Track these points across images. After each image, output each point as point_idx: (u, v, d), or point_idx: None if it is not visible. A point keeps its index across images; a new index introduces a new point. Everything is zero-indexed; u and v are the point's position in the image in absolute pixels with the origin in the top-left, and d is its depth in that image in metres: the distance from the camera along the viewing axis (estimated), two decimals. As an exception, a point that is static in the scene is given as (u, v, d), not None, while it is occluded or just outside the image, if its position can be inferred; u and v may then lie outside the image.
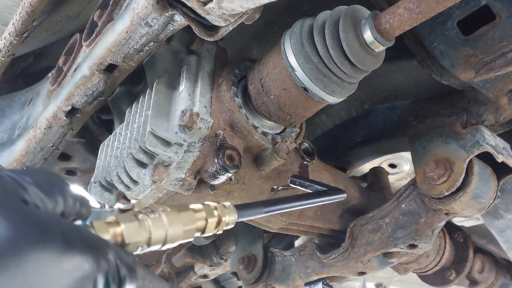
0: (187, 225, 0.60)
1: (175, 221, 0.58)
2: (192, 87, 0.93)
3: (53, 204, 0.47)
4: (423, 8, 0.74)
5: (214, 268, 1.69)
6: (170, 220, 0.57)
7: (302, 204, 0.87)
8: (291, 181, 1.01)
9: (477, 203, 1.09)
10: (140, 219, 0.55)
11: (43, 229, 0.42)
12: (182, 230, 0.59)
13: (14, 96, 1.36)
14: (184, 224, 0.59)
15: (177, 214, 0.59)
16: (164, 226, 0.56)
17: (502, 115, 1.10)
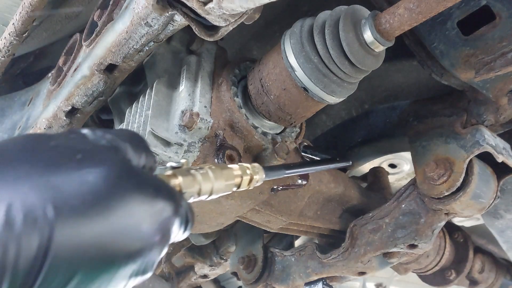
0: (228, 180, 0.70)
1: (219, 176, 0.68)
2: (192, 87, 0.93)
3: (138, 159, 0.56)
4: (423, 8, 0.74)
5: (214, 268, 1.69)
6: (215, 175, 0.67)
7: (315, 168, 1.03)
8: (303, 151, 1.12)
9: (477, 203, 1.09)
10: (192, 173, 0.64)
11: (138, 178, 0.51)
12: (224, 184, 0.69)
13: (14, 96, 1.36)
14: (225, 179, 0.69)
15: (220, 171, 0.69)
16: (211, 180, 0.66)
17: (502, 115, 1.10)
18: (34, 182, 0.45)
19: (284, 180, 1.06)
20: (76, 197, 0.45)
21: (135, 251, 0.49)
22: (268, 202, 1.09)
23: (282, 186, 1.05)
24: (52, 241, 0.43)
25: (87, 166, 0.48)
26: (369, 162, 1.57)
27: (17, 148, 0.48)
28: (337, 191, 1.24)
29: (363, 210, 1.30)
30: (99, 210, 0.46)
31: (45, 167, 0.46)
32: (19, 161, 0.46)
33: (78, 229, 0.45)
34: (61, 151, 0.49)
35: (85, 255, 0.45)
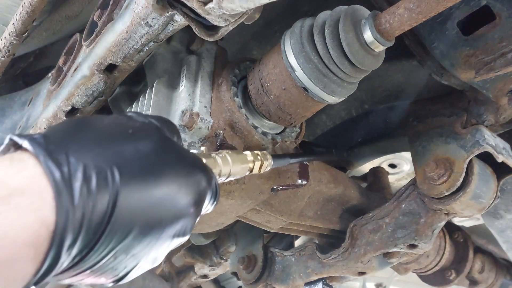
0: (243, 164, 0.78)
1: (235, 160, 0.76)
2: (192, 87, 0.93)
3: (173, 139, 0.64)
4: (423, 8, 0.74)
5: (214, 268, 1.69)
6: (232, 159, 0.75)
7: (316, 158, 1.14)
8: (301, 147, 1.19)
9: (477, 203, 1.09)
10: (213, 156, 0.73)
11: (179, 151, 0.60)
12: (240, 167, 0.77)
13: (14, 96, 1.36)
14: (241, 163, 0.77)
15: (236, 155, 0.77)
16: (229, 163, 0.74)
17: (502, 115, 1.10)
18: (102, 149, 0.51)
19: (284, 180, 1.06)
20: (135, 163, 0.53)
21: (179, 213, 0.57)
22: (268, 202, 1.09)
23: (282, 186, 1.05)
24: (118, 199, 0.49)
25: (139, 139, 0.56)
26: (369, 162, 1.57)
27: (80, 124, 0.55)
28: (337, 191, 1.24)
29: (363, 210, 1.30)
30: (152, 176, 0.54)
31: (107, 137, 0.54)
32: (85, 133, 0.53)
33: (137, 191, 0.51)
34: (115, 127, 0.57)
35: (141, 213, 0.52)
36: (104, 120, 0.58)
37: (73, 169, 0.47)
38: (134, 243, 0.52)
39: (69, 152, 0.49)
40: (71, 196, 0.46)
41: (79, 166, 0.48)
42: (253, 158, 0.81)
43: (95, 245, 0.49)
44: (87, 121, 0.57)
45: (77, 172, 0.47)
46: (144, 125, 0.59)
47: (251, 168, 0.81)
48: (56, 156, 0.48)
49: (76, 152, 0.49)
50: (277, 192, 1.05)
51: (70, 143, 0.50)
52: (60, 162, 0.47)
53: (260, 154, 0.84)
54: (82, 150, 0.50)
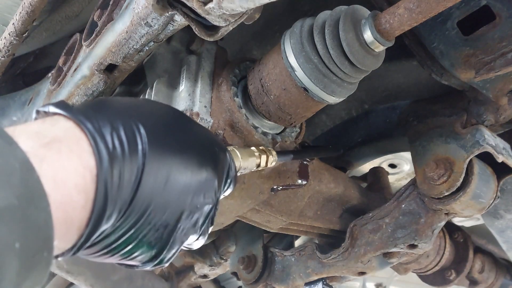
0: (251, 158, 0.81)
1: (244, 154, 0.80)
2: (192, 87, 0.93)
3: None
4: (423, 8, 0.74)
5: (214, 268, 1.69)
6: (241, 153, 0.78)
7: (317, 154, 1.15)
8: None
9: (477, 203, 1.09)
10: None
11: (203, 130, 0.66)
12: (249, 161, 0.80)
13: (14, 96, 1.36)
14: (250, 157, 0.81)
15: (244, 150, 0.81)
16: (239, 157, 0.78)
17: (502, 115, 1.10)
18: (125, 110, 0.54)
19: (284, 180, 1.06)
20: (160, 124, 0.55)
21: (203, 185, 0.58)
22: (268, 202, 1.09)
23: (282, 186, 1.05)
24: (146, 157, 0.50)
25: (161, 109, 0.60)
26: (369, 162, 1.57)
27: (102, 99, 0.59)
28: (337, 191, 1.24)
29: (363, 210, 1.30)
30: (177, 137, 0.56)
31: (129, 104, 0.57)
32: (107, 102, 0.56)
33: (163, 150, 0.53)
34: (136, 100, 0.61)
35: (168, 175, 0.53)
36: (129, 99, 0.60)
37: (102, 122, 0.49)
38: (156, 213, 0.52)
39: (98, 112, 0.50)
40: (106, 143, 0.47)
41: (107, 120, 0.49)
42: (259, 153, 0.84)
43: (131, 202, 0.49)
44: (113, 99, 0.59)
45: (106, 124, 0.49)
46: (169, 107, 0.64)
47: (259, 163, 0.84)
48: (84, 113, 0.49)
49: (103, 111, 0.51)
50: (277, 192, 1.05)
51: (97, 108, 0.52)
52: (89, 117, 0.49)
53: (265, 149, 0.87)
54: (108, 110, 0.52)
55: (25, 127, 0.46)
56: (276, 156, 0.89)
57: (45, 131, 0.46)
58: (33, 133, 0.45)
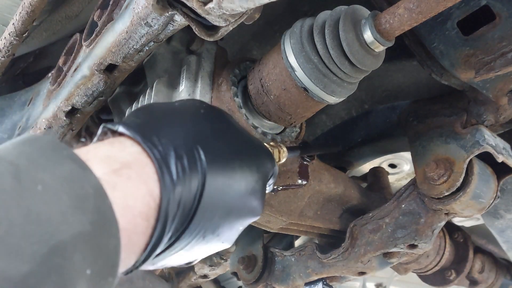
0: None
1: None
2: (192, 87, 0.93)
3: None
4: (423, 8, 0.74)
5: (214, 268, 1.69)
6: None
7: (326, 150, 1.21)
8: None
9: (477, 203, 1.09)
10: None
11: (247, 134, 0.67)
12: None
13: (14, 96, 1.36)
14: None
15: None
16: None
17: (502, 115, 1.10)
18: (186, 131, 0.55)
19: (284, 180, 1.06)
20: (216, 143, 0.56)
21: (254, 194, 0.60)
22: (268, 202, 1.09)
23: (282, 186, 1.05)
24: (206, 179, 0.52)
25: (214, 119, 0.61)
26: (369, 162, 1.57)
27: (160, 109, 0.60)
28: (337, 191, 1.24)
29: (363, 210, 1.30)
30: (232, 156, 0.58)
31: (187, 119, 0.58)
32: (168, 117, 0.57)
33: (220, 171, 0.54)
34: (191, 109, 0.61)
35: (224, 192, 0.55)
36: (173, 104, 0.61)
37: (167, 148, 0.50)
38: (220, 222, 0.55)
39: (160, 134, 0.52)
40: (170, 172, 0.49)
41: (171, 146, 0.51)
42: (271, 148, 0.85)
43: (189, 224, 0.50)
44: (165, 106, 0.61)
45: (171, 151, 0.50)
46: (211, 107, 0.64)
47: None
48: (150, 137, 0.50)
49: (165, 134, 0.52)
50: (277, 192, 1.05)
51: (158, 127, 0.53)
52: (155, 143, 0.50)
53: (276, 144, 0.87)
54: (170, 132, 0.53)
55: (96, 150, 0.48)
56: (286, 152, 0.89)
57: (115, 156, 0.48)
58: (104, 158, 0.46)
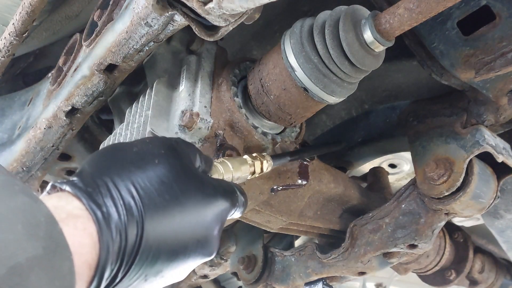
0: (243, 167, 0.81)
1: (236, 165, 0.79)
2: (192, 87, 0.93)
3: (200, 165, 0.71)
4: (423, 8, 0.74)
5: (214, 268, 1.69)
6: (232, 165, 0.78)
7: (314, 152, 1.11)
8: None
9: (477, 203, 1.09)
10: (215, 165, 0.75)
11: (198, 180, 0.64)
12: (241, 171, 0.80)
13: (14, 96, 1.36)
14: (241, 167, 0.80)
15: (234, 160, 0.80)
16: (230, 169, 0.77)
17: (502, 115, 1.10)
18: (128, 183, 0.57)
19: (284, 180, 1.05)
20: (158, 196, 0.58)
21: (202, 239, 0.62)
22: (268, 202, 1.09)
23: (282, 186, 1.05)
24: (144, 232, 0.55)
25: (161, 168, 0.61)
26: (369, 162, 1.57)
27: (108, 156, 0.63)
28: (337, 191, 1.24)
29: (363, 210, 1.30)
30: (174, 206, 0.59)
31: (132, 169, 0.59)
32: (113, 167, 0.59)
33: (160, 222, 0.57)
34: (137, 156, 0.62)
35: (166, 242, 0.57)
36: (131, 150, 0.63)
37: (109, 210, 0.54)
38: (163, 267, 0.58)
39: (103, 192, 0.55)
40: (110, 230, 0.52)
41: (113, 206, 0.54)
42: (253, 160, 0.83)
43: (127, 271, 0.54)
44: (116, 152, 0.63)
45: (111, 209, 0.54)
46: (167, 155, 0.64)
47: (253, 171, 0.83)
48: (93, 197, 0.54)
49: (109, 191, 0.55)
50: (277, 192, 1.05)
51: (103, 182, 0.56)
52: (98, 203, 0.54)
53: (258, 155, 0.86)
54: (112, 187, 0.56)
55: (44, 200, 0.51)
56: (271, 161, 0.89)
57: (62, 207, 0.52)
58: (52, 207, 0.49)
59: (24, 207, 0.45)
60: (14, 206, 0.44)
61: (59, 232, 0.47)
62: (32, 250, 0.42)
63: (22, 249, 0.42)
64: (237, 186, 0.72)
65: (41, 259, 0.43)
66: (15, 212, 0.44)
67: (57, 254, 0.45)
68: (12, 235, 0.42)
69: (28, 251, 0.42)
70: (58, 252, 0.45)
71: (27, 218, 0.44)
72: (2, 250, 0.41)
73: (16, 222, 0.43)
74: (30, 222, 0.44)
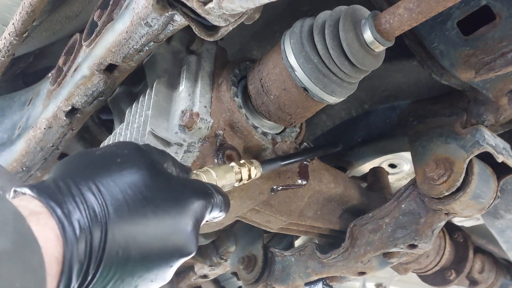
0: (228, 175, 0.78)
1: (220, 173, 0.77)
2: (192, 87, 0.93)
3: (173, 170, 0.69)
4: (423, 8, 0.74)
5: (214, 268, 1.69)
6: (216, 173, 0.76)
7: (309, 156, 1.06)
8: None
9: (477, 203, 1.09)
10: (195, 173, 0.73)
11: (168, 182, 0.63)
12: (226, 179, 0.77)
13: (14, 96, 1.36)
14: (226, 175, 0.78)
15: (219, 168, 0.78)
16: (213, 178, 0.75)
17: (502, 115, 1.10)
18: (95, 184, 0.56)
19: (284, 180, 1.05)
20: (123, 199, 0.57)
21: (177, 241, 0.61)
22: (268, 202, 1.09)
23: (282, 186, 1.05)
24: (108, 234, 0.53)
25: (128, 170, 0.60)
26: (369, 162, 1.57)
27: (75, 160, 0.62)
28: (337, 191, 1.24)
29: (363, 210, 1.30)
30: (140, 203, 0.58)
31: (99, 171, 0.58)
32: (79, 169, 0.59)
33: (126, 224, 0.55)
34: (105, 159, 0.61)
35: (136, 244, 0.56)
36: (94, 152, 0.63)
37: (70, 208, 0.53)
38: (137, 267, 0.57)
39: (63, 192, 0.55)
40: (72, 227, 0.52)
41: (74, 205, 0.53)
42: (239, 167, 0.81)
43: (97, 269, 0.53)
44: (80, 156, 0.63)
45: (74, 210, 0.53)
46: (131, 154, 0.63)
47: (239, 178, 0.81)
48: (53, 196, 0.54)
49: (68, 192, 0.55)
50: (277, 192, 1.05)
51: (68, 183, 0.56)
52: (59, 202, 0.53)
53: (246, 162, 0.84)
54: (73, 188, 0.55)
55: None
56: (260, 167, 0.86)
57: (24, 205, 0.51)
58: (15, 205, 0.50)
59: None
60: None
61: (27, 228, 0.47)
62: (1, 244, 0.43)
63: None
64: (213, 186, 0.70)
65: (11, 253, 0.44)
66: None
67: (26, 247, 0.46)
68: None
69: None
70: (27, 246, 0.46)
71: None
72: None
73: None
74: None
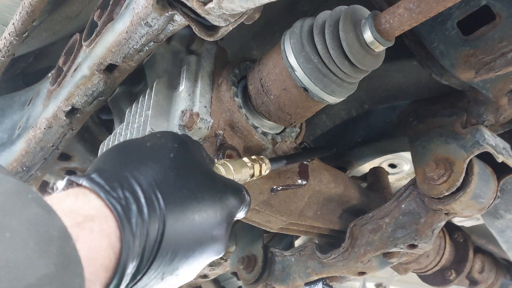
0: (243, 169, 0.81)
1: (236, 167, 0.79)
2: (192, 87, 0.93)
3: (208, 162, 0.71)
4: (423, 8, 0.74)
5: (214, 268, 1.69)
6: (233, 166, 0.78)
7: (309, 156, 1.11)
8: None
9: (477, 203, 1.09)
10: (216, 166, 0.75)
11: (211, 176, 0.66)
12: (242, 173, 0.80)
13: (14, 96, 1.36)
14: (242, 169, 0.81)
15: (236, 162, 0.81)
16: (231, 171, 0.77)
17: (502, 115, 1.10)
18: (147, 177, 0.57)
19: (284, 180, 1.06)
20: (177, 189, 0.58)
21: (216, 235, 0.63)
22: (268, 202, 1.09)
23: (282, 186, 1.05)
24: (165, 226, 0.55)
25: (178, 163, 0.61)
26: (369, 162, 1.57)
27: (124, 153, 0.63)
28: (337, 191, 1.24)
29: (363, 210, 1.30)
30: (192, 201, 0.59)
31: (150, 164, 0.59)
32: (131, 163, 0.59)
33: (179, 216, 0.57)
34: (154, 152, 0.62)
35: (185, 237, 0.57)
36: (145, 145, 0.63)
37: (129, 202, 0.53)
38: (179, 264, 0.58)
39: (123, 185, 0.55)
40: (131, 225, 0.52)
41: (132, 199, 0.54)
42: (252, 162, 0.84)
43: (148, 269, 0.53)
44: (135, 147, 0.64)
45: (132, 204, 0.53)
46: (176, 146, 0.64)
47: (252, 173, 0.84)
48: (113, 191, 0.54)
49: (129, 185, 0.55)
50: (277, 192, 1.05)
51: (122, 177, 0.56)
52: (118, 197, 0.53)
53: (257, 158, 0.86)
54: (133, 182, 0.56)
55: (60, 203, 0.50)
56: (269, 164, 0.89)
57: (78, 209, 0.51)
58: (68, 211, 0.49)
59: (36, 221, 0.43)
60: (26, 219, 0.43)
61: (72, 247, 0.45)
62: (44, 269, 0.41)
63: (34, 268, 0.41)
64: (243, 186, 0.72)
65: (53, 278, 0.42)
66: (27, 226, 0.42)
67: (68, 271, 0.44)
68: (24, 252, 0.41)
69: (40, 269, 0.41)
70: (70, 268, 0.44)
71: (39, 233, 0.43)
72: (13, 271, 0.39)
73: (28, 238, 0.42)
74: (42, 237, 0.43)
